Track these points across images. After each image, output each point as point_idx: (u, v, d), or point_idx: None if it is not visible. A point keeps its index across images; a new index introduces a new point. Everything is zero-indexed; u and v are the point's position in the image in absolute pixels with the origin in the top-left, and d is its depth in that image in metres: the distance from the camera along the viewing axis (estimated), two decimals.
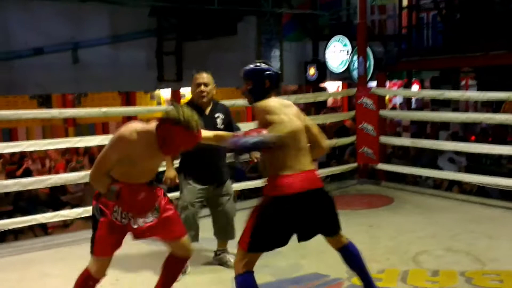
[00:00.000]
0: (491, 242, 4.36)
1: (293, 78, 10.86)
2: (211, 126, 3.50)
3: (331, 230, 3.06)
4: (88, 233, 4.87)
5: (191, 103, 3.69)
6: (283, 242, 2.91)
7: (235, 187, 5.95)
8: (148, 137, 2.68)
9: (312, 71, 10.39)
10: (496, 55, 7.66)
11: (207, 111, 3.74)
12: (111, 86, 9.05)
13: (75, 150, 8.85)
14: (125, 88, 9.26)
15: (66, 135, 10.42)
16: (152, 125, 2.70)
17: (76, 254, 4.30)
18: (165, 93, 10.95)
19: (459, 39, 8.54)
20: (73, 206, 5.81)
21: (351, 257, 3.09)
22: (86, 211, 4.95)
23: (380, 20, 11.26)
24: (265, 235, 2.85)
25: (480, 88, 10.12)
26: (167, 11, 8.48)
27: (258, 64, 3.06)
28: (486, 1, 8.45)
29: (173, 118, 2.61)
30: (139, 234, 2.92)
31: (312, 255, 4.19)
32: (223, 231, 3.96)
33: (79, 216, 4.99)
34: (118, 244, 2.92)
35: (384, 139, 6.71)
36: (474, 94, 7.09)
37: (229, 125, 3.81)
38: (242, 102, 7.31)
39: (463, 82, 12.77)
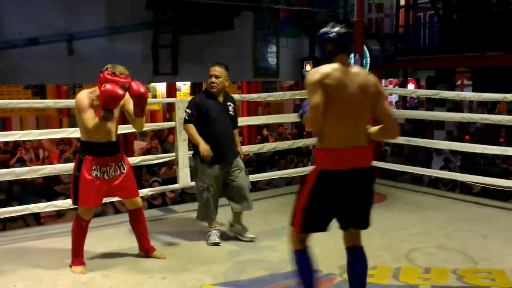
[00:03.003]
0: (484, 241, 4.38)
1: (289, 74, 10.83)
2: (225, 112, 4.29)
3: (362, 222, 2.93)
4: None
5: (206, 91, 4.32)
6: (326, 223, 2.91)
7: None
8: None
9: (308, 67, 10.37)
10: (492, 56, 7.68)
11: (220, 99, 4.29)
12: None
13: (69, 141, 8.82)
14: None
15: (60, 125, 10.37)
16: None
17: (70, 245, 4.30)
18: (160, 87, 10.91)
19: (455, 39, 8.55)
20: (66, 196, 5.76)
21: (356, 263, 2.94)
22: None
23: (377, 19, 11.24)
24: (314, 214, 2.84)
25: (476, 88, 10.16)
26: (163, 4, 8.42)
27: (325, 27, 2.89)
28: (483, 2, 8.47)
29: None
30: (112, 190, 3.76)
31: None
32: (238, 203, 4.34)
33: (72, 207, 4.97)
34: (99, 196, 3.71)
35: None
36: (469, 95, 7.11)
37: (236, 114, 4.44)
38: (237, 96, 7.32)
39: (458, 82, 12.82)
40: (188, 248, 4.26)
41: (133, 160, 5.42)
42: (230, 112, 4.33)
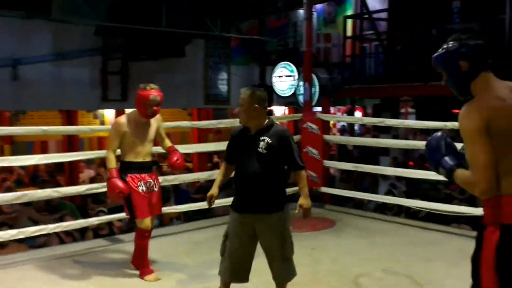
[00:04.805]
0: (429, 265, 4.50)
1: None
2: (252, 148, 3.27)
3: None
4: (24, 255, 4.68)
5: None
6: None
7: (177, 208, 5.93)
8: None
9: None
10: (433, 86, 8.02)
11: (253, 131, 3.34)
12: (53, 104, 8.75)
13: (11, 169, 8.48)
14: (67, 107, 8.98)
15: (2, 153, 9.96)
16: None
17: (13, 277, 4.10)
18: (109, 113, 10.73)
19: (399, 69, 8.91)
20: (9, 226, 5.49)
21: None
22: (20, 232, 4.73)
23: (325, 48, 11.57)
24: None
25: (419, 116, 10.57)
26: (113, 31, 8.36)
27: (449, 42, 2.23)
28: (424, 34, 8.89)
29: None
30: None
31: None
32: (271, 270, 3.36)
33: (13, 238, 4.75)
34: (149, 207, 4.10)
35: (328, 163, 6.84)
36: (412, 122, 7.39)
37: (279, 152, 3.28)
38: (187, 123, 7.32)
39: (403, 110, 13.29)
40: (136, 279, 4.15)
41: (79, 188, 5.27)
42: (260, 149, 3.24)
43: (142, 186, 4.07)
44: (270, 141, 3.26)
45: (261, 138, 3.28)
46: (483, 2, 8.19)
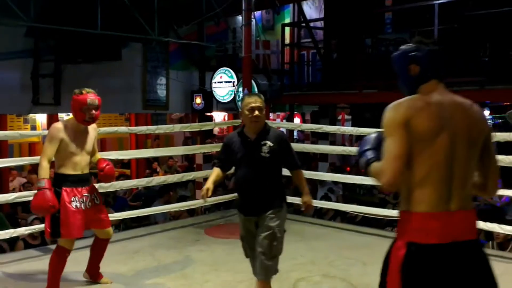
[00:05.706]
0: (365, 268, 4.63)
1: (179, 106, 10.83)
2: (254, 153, 3.37)
3: None
4: None
5: (241, 130, 3.47)
6: None
7: (115, 216, 5.77)
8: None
9: (198, 100, 10.45)
10: (368, 93, 8.30)
11: (252, 137, 3.41)
12: None
13: None
14: None
15: None
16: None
17: None
18: (40, 117, 10.30)
19: (335, 77, 9.14)
20: None
21: None
22: None
23: (264, 55, 11.66)
24: None
25: (354, 123, 10.89)
26: (45, 32, 8.03)
27: (408, 44, 2.18)
28: (359, 44, 9.18)
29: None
30: (88, 221, 3.80)
31: None
32: (254, 267, 3.53)
33: None
34: (81, 226, 3.76)
35: None
36: (348, 129, 7.59)
37: (281, 155, 3.41)
38: (124, 129, 7.14)
39: (340, 117, 13.64)
40: None
41: (7, 197, 5.00)
42: (263, 154, 3.34)
43: (76, 202, 3.74)
44: (272, 145, 3.37)
45: (263, 143, 3.38)
46: (413, 15, 8.57)
